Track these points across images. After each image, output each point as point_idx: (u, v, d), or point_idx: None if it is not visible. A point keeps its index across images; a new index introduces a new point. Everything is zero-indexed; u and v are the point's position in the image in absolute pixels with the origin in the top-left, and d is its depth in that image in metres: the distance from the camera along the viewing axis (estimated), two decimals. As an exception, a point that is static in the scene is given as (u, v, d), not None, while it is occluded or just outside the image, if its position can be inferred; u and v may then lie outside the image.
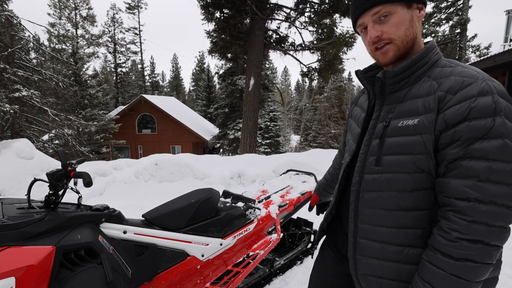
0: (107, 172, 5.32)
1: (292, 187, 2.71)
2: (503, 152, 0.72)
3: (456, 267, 0.74)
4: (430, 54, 0.89)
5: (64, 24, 27.85)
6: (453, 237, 0.75)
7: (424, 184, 0.83)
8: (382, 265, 0.90)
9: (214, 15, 9.26)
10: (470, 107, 0.75)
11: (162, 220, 1.78)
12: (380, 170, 0.89)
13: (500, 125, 0.73)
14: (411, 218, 0.85)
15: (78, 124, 11.62)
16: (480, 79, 0.78)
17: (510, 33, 10.44)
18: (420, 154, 0.82)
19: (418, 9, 0.89)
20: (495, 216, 0.72)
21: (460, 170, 0.76)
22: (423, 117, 0.82)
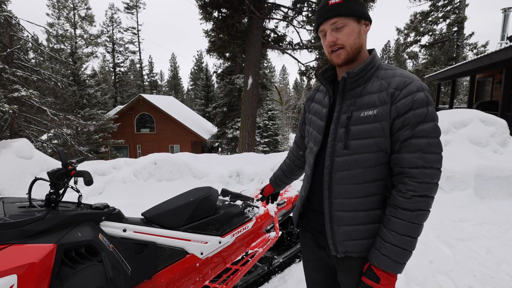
0: (106, 171, 5.32)
1: (290, 186, 2.73)
2: (435, 131, 1.03)
3: (412, 216, 1.03)
4: (376, 59, 1.15)
5: (62, 24, 27.81)
6: (409, 195, 1.03)
7: (383, 160, 1.10)
8: (355, 229, 1.14)
9: (212, 14, 9.24)
10: (414, 99, 1.03)
11: (161, 218, 1.80)
12: (348, 153, 1.12)
13: (432, 112, 1.03)
14: (374, 187, 1.12)
15: (77, 124, 11.58)
16: (415, 79, 1.07)
17: (506, 31, 10.46)
18: (380, 137, 1.07)
19: (365, 24, 1.15)
20: (432, 176, 1.02)
21: (410, 147, 1.03)
22: (380, 108, 1.07)
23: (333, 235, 1.17)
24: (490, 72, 11.02)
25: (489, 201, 4.23)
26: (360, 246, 1.14)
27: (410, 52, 21.00)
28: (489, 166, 4.47)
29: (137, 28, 35.47)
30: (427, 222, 3.18)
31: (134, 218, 1.77)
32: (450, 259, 2.76)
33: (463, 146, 4.99)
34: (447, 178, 4.40)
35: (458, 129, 5.38)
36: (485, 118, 5.42)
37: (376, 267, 1.08)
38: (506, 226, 3.51)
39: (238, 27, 9.68)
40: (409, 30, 19.48)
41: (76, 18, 28.32)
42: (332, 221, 1.17)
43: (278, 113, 22.96)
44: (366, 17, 1.14)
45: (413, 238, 1.05)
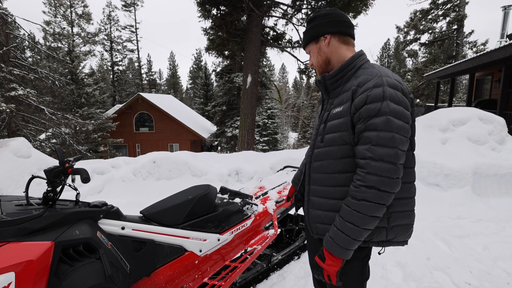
0: (105, 170, 5.32)
1: (289, 183, 2.73)
2: (386, 125, 1.05)
3: (356, 205, 1.08)
4: (356, 61, 1.24)
5: (59, 22, 27.52)
6: (357, 184, 1.09)
7: (349, 153, 1.17)
8: (326, 215, 1.25)
9: (210, 12, 9.20)
10: (367, 95, 1.09)
11: (160, 216, 1.80)
12: (323, 145, 1.26)
13: (385, 106, 1.06)
14: (343, 179, 1.19)
15: (75, 123, 11.53)
16: (378, 76, 1.12)
17: (506, 29, 10.43)
18: (344, 131, 1.17)
19: (323, 39, 1.29)
20: (383, 169, 1.05)
21: (362, 139, 1.10)
22: (345, 105, 1.17)
23: (308, 217, 1.34)
24: (490, 70, 11.01)
25: (486, 198, 4.25)
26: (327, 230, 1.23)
27: (410, 50, 20.93)
28: (486, 163, 4.49)
29: (135, 26, 35.29)
30: (425, 219, 3.17)
31: (132, 216, 1.77)
32: (447, 256, 2.77)
33: (462, 144, 5.01)
34: (445, 176, 4.42)
35: (457, 127, 5.40)
36: (483, 116, 5.44)
37: (325, 249, 1.18)
38: (503, 223, 3.53)
39: (237, 25, 9.62)
40: (409, 28, 19.42)
41: (73, 16, 28.04)
42: (308, 205, 1.33)
43: (278, 111, 22.95)
44: (321, 34, 1.28)
45: (357, 226, 1.09)
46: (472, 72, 11.10)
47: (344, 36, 1.29)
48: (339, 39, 1.28)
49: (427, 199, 4.10)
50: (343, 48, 1.28)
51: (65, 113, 11.47)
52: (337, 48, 1.28)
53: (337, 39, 1.28)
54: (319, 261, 1.20)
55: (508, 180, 4.39)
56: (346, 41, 1.29)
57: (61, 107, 14.10)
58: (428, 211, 3.87)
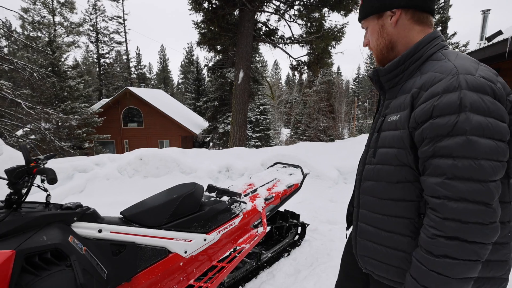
0: (88, 168, 5.12)
1: (279, 180, 2.66)
2: (467, 148, 0.73)
3: (435, 263, 0.76)
4: (424, 48, 0.90)
5: (39, 10, 26.06)
6: (431, 233, 0.78)
7: (407, 177, 0.88)
8: (376, 248, 0.97)
9: (202, 5, 9.03)
10: (433, 105, 0.77)
11: (141, 217, 1.70)
12: (375, 161, 0.97)
13: (463, 121, 0.73)
14: (399, 207, 0.90)
15: (56, 118, 11.06)
16: (452, 74, 0.78)
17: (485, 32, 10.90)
18: (400, 148, 0.87)
19: (390, 15, 0.95)
20: (467, 212, 0.73)
21: (431, 168, 0.79)
22: (402, 114, 0.87)
23: (355, 246, 1.07)
24: (469, 72, 11.41)
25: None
26: (380, 269, 0.97)
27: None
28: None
29: (123, 17, 34.37)
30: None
31: (111, 218, 1.66)
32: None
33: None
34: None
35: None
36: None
37: None
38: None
39: (229, 19, 9.49)
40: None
41: (54, 4, 26.77)
42: (357, 232, 1.06)
43: (270, 107, 22.87)
44: (388, 7, 0.94)
45: None
46: (458, 71, 11.55)
47: (420, 12, 0.93)
48: (413, 16, 0.92)
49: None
50: (416, 29, 0.93)
51: (45, 107, 10.97)
52: (408, 29, 0.93)
53: (409, 16, 0.92)
54: None
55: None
56: (422, 20, 0.93)
57: (40, 100, 13.33)
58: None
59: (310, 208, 3.74)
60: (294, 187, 2.59)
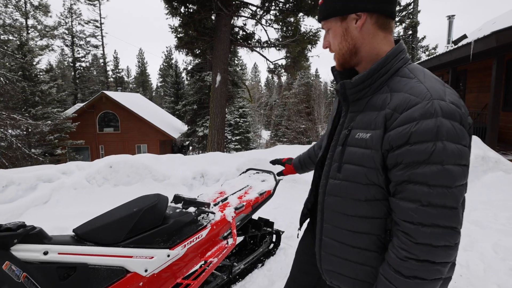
0: (54, 177, 4.82)
1: (251, 187, 2.57)
2: (443, 177, 0.74)
3: (405, 284, 0.78)
4: (392, 61, 0.87)
5: (11, 13, 25.20)
6: (402, 256, 0.78)
7: (376, 196, 0.87)
8: (342, 263, 0.97)
9: (178, 10, 8.90)
10: (411, 131, 0.76)
11: (96, 234, 1.55)
12: (341, 177, 0.93)
13: (440, 150, 0.73)
14: (366, 224, 0.90)
15: (25, 124, 10.49)
16: (427, 99, 0.77)
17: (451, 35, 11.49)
18: (371, 168, 0.85)
19: (355, 18, 0.89)
20: (438, 237, 0.75)
21: (405, 193, 0.78)
22: (374, 133, 0.84)
23: (320, 260, 1.05)
24: (440, 72, 12.02)
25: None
26: (346, 283, 0.98)
27: (373, 52, 22.29)
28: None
29: (100, 21, 33.54)
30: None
31: (61, 237, 1.51)
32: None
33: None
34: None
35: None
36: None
37: None
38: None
39: (206, 23, 9.42)
40: (371, 33, 20.84)
41: (27, 7, 25.89)
42: (321, 246, 1.03)
43: (249, 110, 22.82)
44: (353, 10, 0.87)
45: None
46: (425, 73, 12.27)
47: (384, 17, 0.88)
48: (377, 21, 0.88)
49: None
50: (380, 35, 0.89)
51: (12, 113, 10.37)
52: (373, 35, 0.89)
53: (374, 21, 0.88)
54: None
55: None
56: (385, 25, 0.89)
57: (8, 106, 12.69)
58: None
59: (286, 214, 3.67)
60: (266, 194, 2.51)
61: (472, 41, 6.47)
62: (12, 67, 15.75)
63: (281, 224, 3.45)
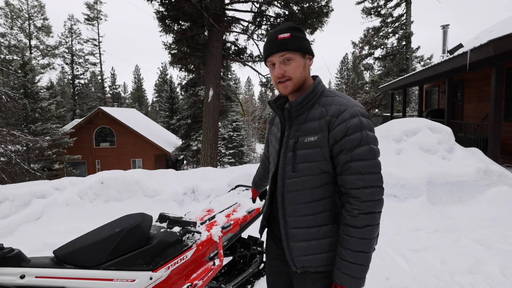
0: (47, 193, 4.77)
1: (239, 205, 2.54)
2: (370, 153, 1.12)
3: (361, 232, 1.10)
4: (318, 87, 1.25)
5: (16, 35, 25.92)
6: (355, 213, 1.11)
7: (327, 180, 1.19)
8: (310, 245, 1.21)
9: (171, 27, 9.04)
10: (347, 127, 1.12)
11: (76, 256, 1.51)
12: (296, 175, 1.21)
13: (365, 136, 1.12)
14: (322, 205, 1.20)
15: (24, 140, 10.48)
16: (350, 106, 1.15)
17: (446, 45, 11.46)
18: (322, 161, 1.17)
19: (309, 58, 1.26)
20: (374, 194, 1.10)
21: (350, 169, 1.12)
22: (320, 135, 1.16)
23: (290, 251, 1.25)
24: (436, 82, 11.86)
25: (441, 207, 4.36)
26: (316, 260, 1.21)
27: (366, 64, 22.22)
28: (439, 172, 4.63)
29: (98, 40, 34.11)
30: (385, 233, 3.14)
31: (40, 259, 1.47)
32: (406, 274, 2.71)
33: (415, 154, 5.16)
34: (402, 187, 4.48)
35: (409, 137, 5.57)
36: (432, 126, 5.68)
37: (340, 285, 1.14)
38: (457, 233, 3.59)
39: (198, 39, 9.56)
40: (363, 44, 20.69)
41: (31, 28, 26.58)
42: (288, 238, 1.25)
43: (243, 124, 22.88)
44: (310, 53, 1.25)
45: (366, 253, 1.11)
46: (421, 84, 11.88)
47: None
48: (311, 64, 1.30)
49: (386, 211, 4.09)
50: (309, 72, 1.30)
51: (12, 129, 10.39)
52: (309, 71, 1.29)
53: (311, 63, 1.30)
54: None
55: (460, 188, 4.55)
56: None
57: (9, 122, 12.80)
58: (387, 224, 3.85)
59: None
60: (255, 212, 2.47)
61: (468, 51, 6.26)
62: (15, 85, 16.08)
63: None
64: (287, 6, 9.09)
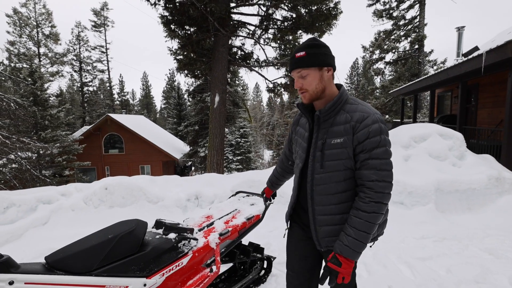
0: (53, 199, 4.84)
1: (239, 211, 2.50)
2: (385, 153, 1.34)
3: (368, 216, 1.32)
4: (343, 96, 1.45)
5: (25, 43, 26.51)
6: (367, 201, 1.33)
7: (350, 175, 1.41)
8: (333, 229, 1.45)
9: (176, 32, 9.09)
10: (369, 131, 1.34)
11: (67, 262, 1.50)
12: (324, 171, 1.43)
13: (383, 139, 1.34)
14: (345, 196, 1.43)
15: (33, 147, 10.70)
16: (371, 114, 1.36)
17: (461, 48, 10.96)
18: (346, 159, 1.38)
19: (327, 70, 1.42)
20: (385, 187, 1.32)
21: (368, 165, 1.34)
22: (345, 137, 1.38)
23: (316, 234, 1.49)
24: (449, 87, 11.56)
25: (449, 214, 4.22)
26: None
27: (376, 68, 21.84)
28: (448, 179, 4.50)
29: (106, 47, 34.68)
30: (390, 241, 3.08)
31: (31, 265, 1.46)
32: (409, 282, 2.61)
33: (424, 161, 5.03)
34: (409, 194, 4.36)
35: (418, 143, 5.45)
36: (443, 131, 5.54)
37: (340, 255, 1.35)
38: (465, 241, 3.46)
39: (204, 44, 9.55)
40: (374, 48, 20.33)
41: (39, 36, 27.14)
42: (315, 223, 1.49)
43: (250, 130, 22.89)
44: (327, 64, 1.40)
45: (368, 233, 1.33)
46: (432, 88, 11.63)
47: (334, 72, 1.47)
48: (333, 74, 1.47)
49: (392, 218, 3.98)
50: (332, 81, 1.47)
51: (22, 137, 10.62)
52: (330, 81, 1.45)
53: (332, 73, 1.45)
54: (335, 267, 1.35)
55: (469, 195, 4.41)
56: (333, 76, 1.49)
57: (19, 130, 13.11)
58: (393, 231, 3.75)
59: (281, 238, 3.57)
60: (254, 219, 2.43)
61: (484, 52, 6.00)
62: (24, 93, 16.42)
63: (275, 249, 3.34)
64: (294, 9, 8.98)
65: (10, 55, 25.73)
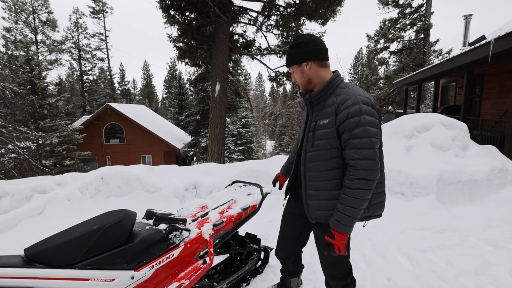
0: (48, 188, 4.78)
1: (235, 201, 2.42)
2: (365, 133, 1.43)
3: (353, 192, 1.45)
4: (334, 81, 1.59)
5: (21, 29, 25.99)
6: (350, 178, 1.45)
7: (336, 154, 1.54)
8: (322, 203, 1.61)
9: (175, 18, 8.85)
10: (348, 112, 1.45)
11: (48, 254, 1.43)
12: (314, 150, 1.60)
13: (363, 119, 1.43)
14: (333, 174, 1.56)
15: (31, 136, 10.59)
16: (354, 96, 1.47)
17: (468, 37, 10.64)
18: (331, 138, 1.52)
19: (306, 65, 1.60)
20: (367, 165, 1.43)
21: (349, 145, 1.46)
22: (330, 118, 1.52)
23: (307, 207, 1.67)
24: (454, 77, 11.32)
25: (450, 206, 4.14)
26: (326, 215, 1.60)
27: (380, 58, 21.45)
28: (450, 170, 4.40)
29: (105, 34, 34.14)
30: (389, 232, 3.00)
31: (8, 258, 1.39)
32: (409, 274, 2.54)
33: (426, 151, 4.92)
34: (410, 184, 4.27)
35: (421, 133, 5.33)
36: (446, 122, 5.41)
37: (332, 229, 1.51)
38: (466, 232, 3.39)
39: (204, 31, 9.31)
40: (379, 37, 19.93)
41: (36, 23, 26.59)
42: (306, 197, 1.66)
43: (252, 120, 22.73)
44: (304, 61, 1.59)
45: (355, 208, 1.45)
46: (437, 78, 11.40)
47: (321, 61, 1.60)
48: (318, 64, 1.60)
49: (393, 209, 3.91)
50: (321, 70, 1.61)
51: (19, 126, 10.51)
52: (317, 71, 1.60)
53: (316, 64, 1.59)
54: (330, 239, 1.52)
55: (471, 186, 4.32)
56: (323, 64, 1.61)
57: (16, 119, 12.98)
58: (393, 222, 3.69)
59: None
60: (251, 209, 2.34)
61: (492, 40, 5.86)
62: (22, 81, 16.16)
63: (273, 239, 3.28)
64: (298, -6, 8.73)
65: (6, 42, 25.25)
